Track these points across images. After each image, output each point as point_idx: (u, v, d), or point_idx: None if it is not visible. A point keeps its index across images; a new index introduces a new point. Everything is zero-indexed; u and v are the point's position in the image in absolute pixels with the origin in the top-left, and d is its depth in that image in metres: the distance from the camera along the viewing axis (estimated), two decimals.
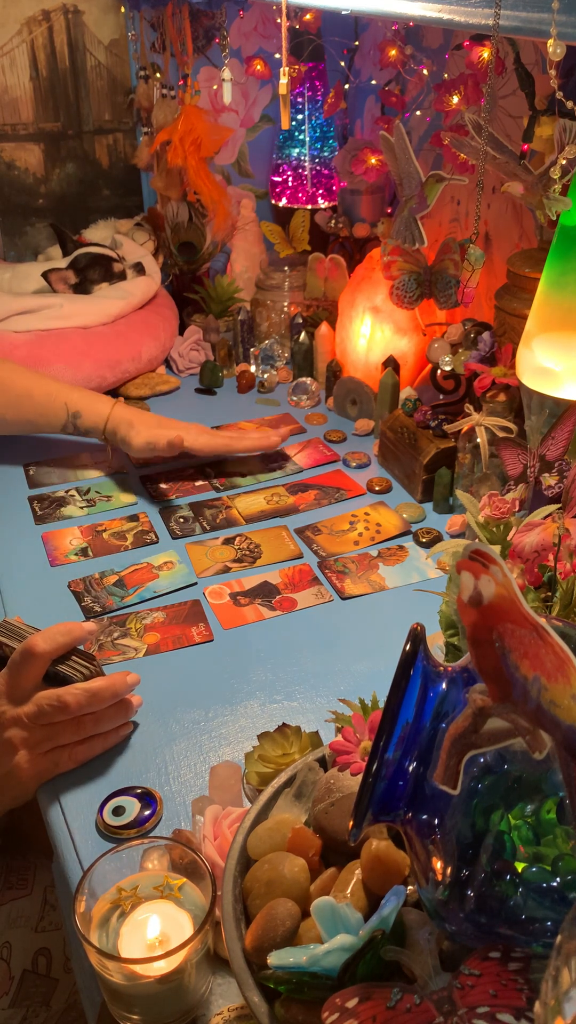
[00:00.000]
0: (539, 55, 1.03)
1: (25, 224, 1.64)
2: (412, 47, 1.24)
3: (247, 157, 1.63)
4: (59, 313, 1.31)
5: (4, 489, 1.14)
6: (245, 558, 1.00)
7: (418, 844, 0.46)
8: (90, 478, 1.16)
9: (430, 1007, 0.42)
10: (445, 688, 0.45)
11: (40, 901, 0.87)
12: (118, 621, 0.90)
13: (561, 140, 0.83)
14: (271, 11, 1.49)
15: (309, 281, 1.42)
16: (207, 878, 0.57)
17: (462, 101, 1.05)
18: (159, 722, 0.78)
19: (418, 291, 1.17)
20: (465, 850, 0.44)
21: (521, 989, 0.41)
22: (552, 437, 0.81)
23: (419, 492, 1.08)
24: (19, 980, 0.84)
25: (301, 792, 0.60)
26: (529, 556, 0.66)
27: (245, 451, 1.16)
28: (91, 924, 0.56)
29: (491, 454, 0.97)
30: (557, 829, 0.44)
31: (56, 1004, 0.85)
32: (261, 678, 0.83)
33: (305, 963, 0.46)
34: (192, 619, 0.90)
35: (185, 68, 1.48)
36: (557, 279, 0.76)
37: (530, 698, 0.40)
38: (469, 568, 0.40)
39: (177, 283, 1.58)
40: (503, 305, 1.03)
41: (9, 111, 1.55)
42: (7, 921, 0.85)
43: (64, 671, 0.73)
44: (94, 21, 1.55)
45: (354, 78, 1.52)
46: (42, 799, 0.73)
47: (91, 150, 1.64)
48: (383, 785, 0.44)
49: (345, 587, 0.95)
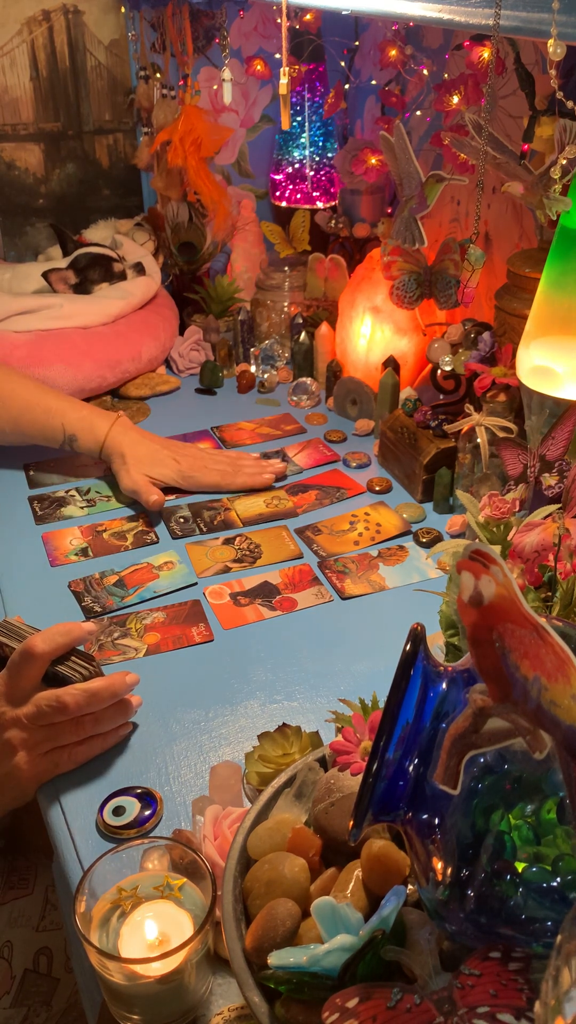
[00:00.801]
0: (539, 55, 1.03)
1: (25, 224, 1.64)
2: (412, 47, 1.24)
3: (247, 157, 1.63)
4: (59, 313, 1.31)
5: (4, 489, 1.14)
6: (245, 558, 1.00)
7: (418, 844, 0.46)
8: (90, 478, 1.16)
9: (430, 1007, 0.42)
10: (445, 688, 0.45)
11: (41, 901, 0.87)
12: (118, 621, 0.90)
13: (561, 140, 0.83)
14: (271, 11, 1.49)
15: (309, 281, 1.42)
16: (207, 878, 0.57)
17: (462, 101, 1.05)
18: (159, 722, 0.78)
19: (418, 291, 1.17)
20: (465, 850, 0.44)
21: (521, 989, 0.41)
22: (552, 437, 0.81)
23: (419, 492, 1.08)
24: (20, 979, 0.84)
25: (301, 792, 0.60)
26: (529, 556, 0.66)
27: (238, 488, 1.11)
28: (91, 924, 0.56)
29: (491, 454, 0.97)
30: (557, 829, 0.44)
31: (57, 1004, 0.85)
32: (261, 678, 0.83)
33: (305, 963, 0.46)
34: (192, 619, 0.90)
35: (185, 68, 1.48)
36: (557, 279, 0.76)
37: (530, 698, 0.40)
38: (469, 568, 0.40)
39: (177, 283, 1.58)
40: (503, 305, 1.03)
41: (9, 111, 1.55)
42: (8, 920, 0.85)
43: (63, 672, 0.73)
44: (94, 21, 1.55)
45: (354, 78, 1.52)
46: (42, 799, 0.73)
47: (91, 150, 1.64)
48: (383, 785, 0.44)
49: (345, 587, 0.95)
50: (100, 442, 1.11)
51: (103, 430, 1.11)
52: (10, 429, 1.13)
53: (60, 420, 1.11)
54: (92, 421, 1.12)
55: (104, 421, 1.12)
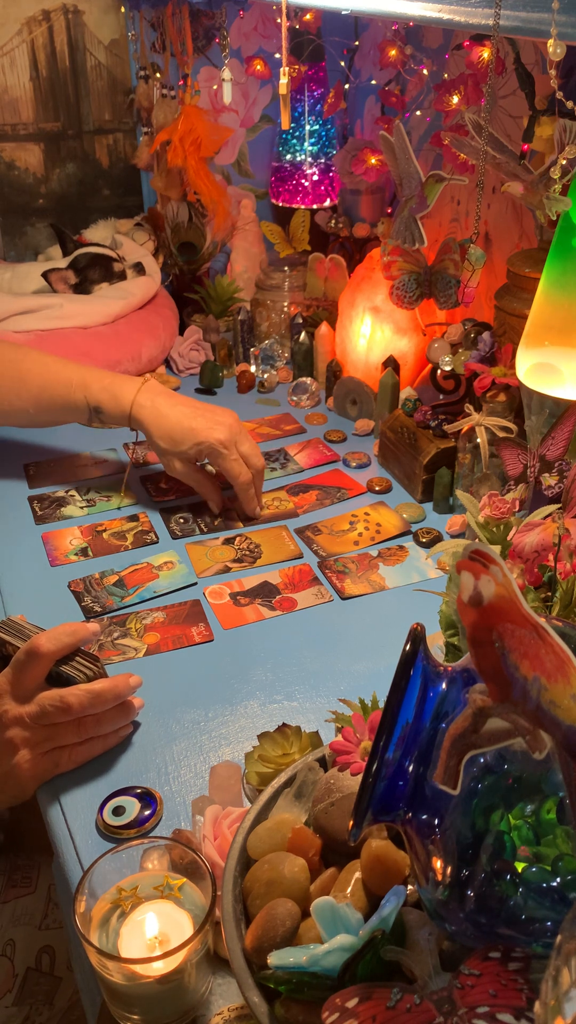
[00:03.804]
0: (539, 55, 1.03)
1: (25, 224, 1.64)
2: (412, 47, 1.24)
3: (247, 157, 1.63)
4: (59, 313, 1.31)
5: (4, 489, 1.14)
6: (245, 558, 1.00)
7: (418, 844, 0.46)
8: (90, 478, 1.16)
9: (430, 1007, 0.42)
10: (445, 688, 0.45)
11: (44, 899, 0.88)
12: (118, 621, 0.90)
13: (561, 140, 0.84)
14: (271, 11, 1.49)
15: (309, 281, 1.42)
16: (207, 878, 0.57)
17: (462, 101, 1.05)
18: (159, 722, 0.78)
19: (418, 291, 1.17)
20: (465, 850, 0.45)
21: (521, 989, 0.41)
22: (552, 437, 0.81)
23: (419, 492, 1.08)
24: (23, 978, 0.84)
25: (301, 792, 0.60)
26: (529, 556, 0.66)
27: (239, 492, 1.04)
28: (91, 924, 0.57)
29: (491, 454, 0.97)
30: (557, 829, 0.44)
31: (59, 1002, 0.85)
32: (261, 678, 0.83)
33: (305, 963, 0.46)
34: (192, 619, 0.90)
35: (185, 68, 1.48)
36: (557, 279, 0.76)
37: (530, 698, 0.40)
38: (469, 568, 0.40)
39: (177, 283, 1.58)
40: (503, 305, 1.03)
41: (9, 111, 1.55)
42: (11, 919, 0.85)
43: (67, 672, 0.73)
44: (94, 21, 1.55)
45: (354, 78, 1.52)
46: (42, 799, 0.73)
47: (91, 150, 1.64)
48: (383, 785, 0.44)
49: (345, 587, 0.95)
50: (126, 412, 1.04)
51: (128, 398, 1.03)
52: (34, 409, 1.08)
53: (83, 392, 1.05)
54: (116, 389, 1.04)
55: (129, 387, 1.04)
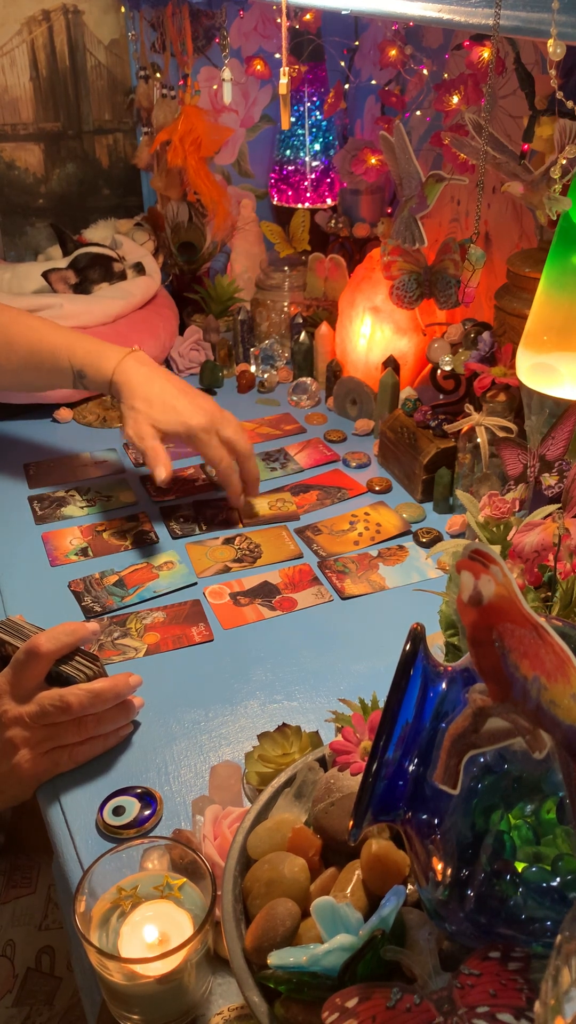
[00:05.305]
0: (539, 55, 1.03)
1: (25, 224, 1.64)
2: (412, 47, 1.24)
3: (247, 157, 1.63)
4: (59, 313, 1.31)
5: (4, 489, 1.14)
6: (245, 558, 1.00)
7: (418, 844, 0.46)
8: (90, 478, 1.16)
9: (430, 1007, 0.42)
10: (445, 688, 0.45)
11: (44, 899, 0.88)
12: (118, 621, 0.90)
13: (561, 140, 0.84)
14: (271, 11, 1.49)
15: (309, 281, 1.42)
16: (207, 878, 0.57)
17: (462, 101, 1.05)
18: (159, 722, 0.78)
19: (418, 291, 1.17)
20: (465, 850, 0.45)
21: (521, 989, 0.41)
22: (552, 437, 0.81)
23: (419, 492, 1.08)
24: (23, 978, 0.84)
25: (301, 792, 0.60)
26: (529, 556, 0.66)
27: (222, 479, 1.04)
28: (91, 924, 0.57)
29: (491, 454, 0.97)
30: (557, 829, 0.44)
31: (59, 1003, 0.85)
32: (261, 678, 0.83)
33: (305, 963, 0.46)
34: (192, 619, 0.90)
35: (185, 68, 1.48)
36: (557, 279, 0.76)
37: (530, 698, 0.40)
38: (469, 568, 0.40)
39: (177, 283, 1.58)
40: (503, 305, 1.03)
41: (9, 111, 1.55)
42: (11, 919, 0.85)
43: (67, 671, 0.73)
44: (94, 21, 1.55)
45: (354, 78, 1.52)
46: (42, 799, 0.73)
47: (91, 150, 1.64)
48: (383, 785, 0.44)
49: (345, 587, 0.95)
50: (108, 376, 1.01)
51: (112, 362, 1.01)
52: (21, 371, 1.06)
53: (67, 355, 1.03)
54: (101, 353, 1.02)
55: (115, 353, 1.02)
